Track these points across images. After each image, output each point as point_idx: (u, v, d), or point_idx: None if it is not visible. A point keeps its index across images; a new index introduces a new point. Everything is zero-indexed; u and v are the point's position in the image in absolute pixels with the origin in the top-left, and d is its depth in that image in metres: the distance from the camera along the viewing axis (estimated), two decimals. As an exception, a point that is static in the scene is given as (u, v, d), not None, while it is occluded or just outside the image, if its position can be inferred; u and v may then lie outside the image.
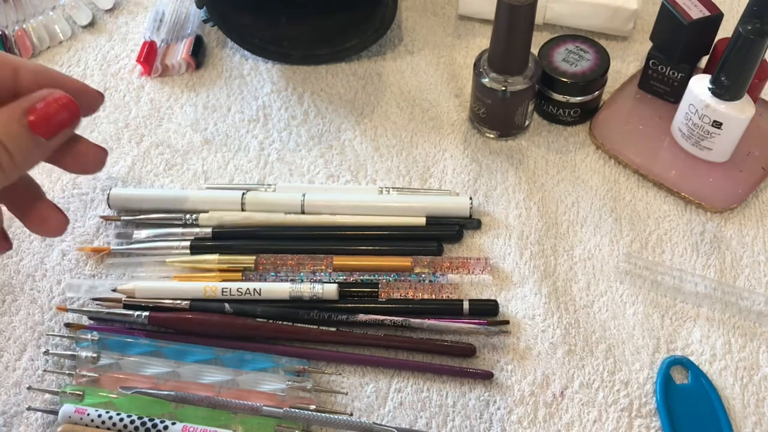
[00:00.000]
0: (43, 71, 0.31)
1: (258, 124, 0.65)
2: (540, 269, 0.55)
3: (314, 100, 0.66)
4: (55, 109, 0.29)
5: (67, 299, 0.55)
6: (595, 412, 0.49)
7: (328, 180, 0.61)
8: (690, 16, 0.56)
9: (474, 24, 0.71)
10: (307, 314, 0.52)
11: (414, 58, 0.69)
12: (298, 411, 0.47)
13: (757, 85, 0.57)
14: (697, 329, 0.52)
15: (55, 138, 0.29)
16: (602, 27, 0.68)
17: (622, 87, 0.64)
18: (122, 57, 0.70)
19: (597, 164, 0.61)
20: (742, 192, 0.58)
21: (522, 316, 0.53)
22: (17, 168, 0.28)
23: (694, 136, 0.58)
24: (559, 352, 0.51)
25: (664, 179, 0.59)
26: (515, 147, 0.62)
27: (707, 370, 0.50)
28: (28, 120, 0.28)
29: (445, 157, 0.62)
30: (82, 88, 0.32)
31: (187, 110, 0.66)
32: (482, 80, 0.58)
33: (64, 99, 0.29)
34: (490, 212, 0.58)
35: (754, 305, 0.53)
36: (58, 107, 0.29)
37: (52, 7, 0.72)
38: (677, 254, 0.56)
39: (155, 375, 0.49)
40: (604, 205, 0.59)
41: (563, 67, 0.60)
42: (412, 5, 0.73)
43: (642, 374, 0.50)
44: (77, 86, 0.32)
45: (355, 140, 0.63)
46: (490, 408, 0.49)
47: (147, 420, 0.46)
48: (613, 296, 0.54)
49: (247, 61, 0.69)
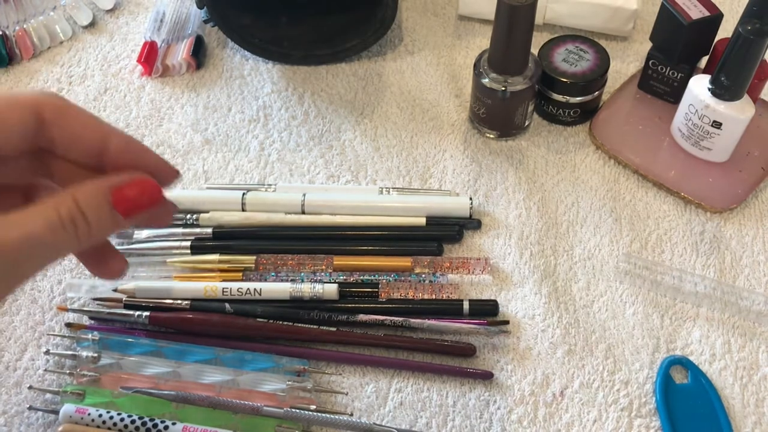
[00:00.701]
0: (131, 142, 0.32)
1: (258, 124, 0.65)
2: (540, 269, 0.55)
3: (314, 101, 0.66)
4: (139, 192, 0.30)
5: (68, 299, 0.55)
6: (595, 412, 0.49)
7: (329, 180, 0.61)
8: (690, 17, 0.56)
9: (474, 24, 0.71)
10: (308, 314, 0.52)
11: (414, 59, 0.69)
12: (299, 411, 0.47)
13: (757, 86, 0.57)
14: (696, 329, 0.52)
15: (132, 218, 0.31)
16: (602, 27, 0.68)
17: (622, 87, 0.65)
18: (123, 57, 0.70)
19: (597, 164, 0.61)
20: (741, 192, 0.58)
21: (522, 316, 0.53)
22: (90, 237, 0.29)
23: (693, 137, 0.58)
24: (559, 351, 0.51)
25: (664, 179, 0.59)
26: (515, 147, 0.62)
27: (707, 370, 0.51)
28: (113, 197, 0.30)
29: (445, 157, 0.62)
30: (162, 165, 0.33)
31: (187, 110, 0.66)
32: (482, 80, 0.58)
33: (151, 185, 0.31)
34: (490, 212, 0.58)
35: (753, 305, 0.53)
36: (144, 191, 0.31)
37: (53, 7, 0.72)
38: (677, 254, 0.56)
39: (156, 375, 0.49)
40: (604, 205, 0.59)
41: (563, 67, 0.60)
42: (412, 5, 0.73)
43: (642, 374, 0.51)
44: (159, 162, 0.33)
45: (355, 140, 0.63)
46: (490, 408, 0.49)
47: (147, 420, 0.46)
48: (613, 296, 0.54)
49: (247, 62, 0.69)
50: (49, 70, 0.69)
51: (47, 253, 0.28)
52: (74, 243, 0.29)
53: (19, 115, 0.29)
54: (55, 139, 0.31)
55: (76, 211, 0.28)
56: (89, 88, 0.67)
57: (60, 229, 0.28)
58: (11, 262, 0.27)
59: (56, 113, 0.30)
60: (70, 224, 0.28)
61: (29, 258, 0.27)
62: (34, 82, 0.68)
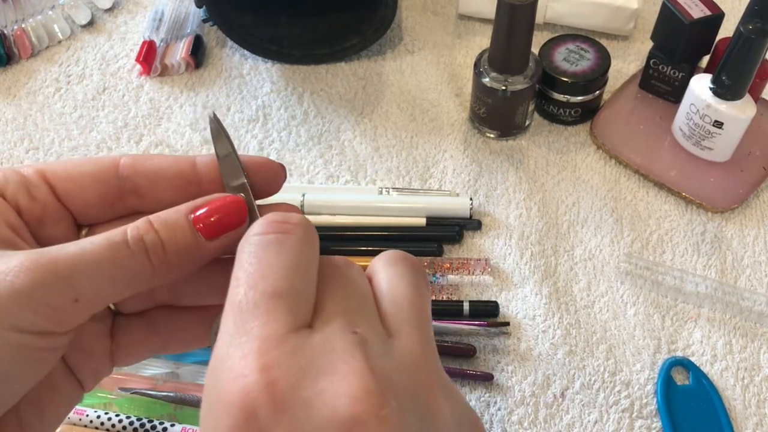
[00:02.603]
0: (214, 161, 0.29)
1: (257, 123, 0.64)
2: (540, 270, 0.55)
3: (314, 100, 0.66)
4: (221, 207, 0.27)
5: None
6: (596, 413, 0.49)
7: (328, 180, 0.61)
8: (691, 16, 0.56)
9: (474, 23, 0.71)
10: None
11: (414, 58, 0.69)
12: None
13: (758, 85, 0.57)
14: (698, 330, 0.52)
15: (217, 240, 0.26)
16: (603, 26, 0.68)
17: (623, 87, 0.64)
18: (121, 56, 0.69)
19: (598, 164, 0.61)
20: (743, 192, 0.58)
21: (522, 316, 0.53)
22: (167, 262, 0.25)
23: (695, 136, 0.58)
24: (560, 352, 0.51)
25: (665, 179, 0.58)
26: (515, 147, 0.62)
27: (708, 371, 0.50)
28: (194, 216, 0.26)
29: (445, 157, 0.62)
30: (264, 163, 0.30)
31: (186, 110, 0.65)
32: (482, 80, 0.58)
33: (235, 201, 0.27)
34: (491, 212, 0.58)
35: (755, 306, 0.53)
36: (226, 206, 0.27)
37: (51, 6, 0.71)
38: (678, 254, 0.56)
39: (154, 376, 0.49)
40: (605, 205, 0.58)
41: (564, 66, 0.60)
42: (412, 4, 0.73)
43: (643, 375, 0.50)
44: (258, 161, 0.29)
45: (354, 140, 0.63)
46: (491, 409, 0.49)
47: (146, 421, 0.46)
48: (614, 297, 0.54)
49: (246, 61, 0.69)
50: (48, 70, 0.68)
51: (111, 274, 0.24)
52: (146, 265, 0.25)
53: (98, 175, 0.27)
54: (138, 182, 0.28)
55: (148, 229, 0.25)
56: (87, 87, 0.67)
57: (124, 247, 0.25)
58: (65, 280, 0.23)
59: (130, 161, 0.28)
60: (137, 243, 0.25)
61: (87, 277, 0.24)
62: (32, 81, 0.68)
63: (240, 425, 0.20)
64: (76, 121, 0.65)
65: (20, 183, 0.27)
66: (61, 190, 0.27)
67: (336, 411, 0.20)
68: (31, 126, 0.65)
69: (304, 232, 0.25)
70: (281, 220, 0.25)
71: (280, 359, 0.21)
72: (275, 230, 0.24)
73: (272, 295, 0.23)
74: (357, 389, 0.21)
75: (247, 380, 0.21)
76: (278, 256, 0.24)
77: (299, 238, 0.25)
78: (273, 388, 0.20)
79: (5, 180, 0.27)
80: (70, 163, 0.28)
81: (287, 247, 0.24)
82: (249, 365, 0.21)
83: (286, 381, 0.21)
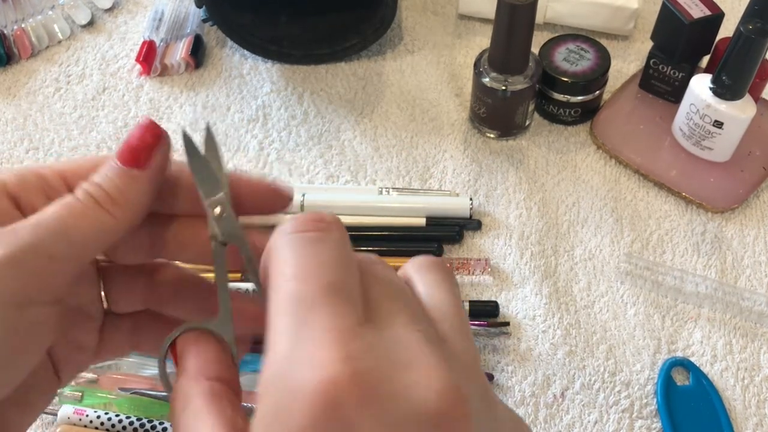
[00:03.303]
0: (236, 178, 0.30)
1: (257, 123, 0.64)
2: (540, 270, 0.55)
3: (314, 100, 0.66)
4: (133, 135, 0.28)
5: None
6: (596, 414, 0.49)
7: (328, 180, 0.61)
8: (691, 16, 0.56)
9: (474, 23, 0.71)
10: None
11: (414, 58, 0.69)
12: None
13: (758, 85, 0.57)
14: (698, 330, 0.52)
15: (148, 165, 0.28)
16: (603, 26, 0.68)
17: (623, 87, 0.64)
18: (121, 56, 0.69)
19: (598, 164, 0.61)
20: (743, 192, 0.58)
21: (522, 316, 0.53)
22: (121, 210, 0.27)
23: (695, 136, 0.58)
24: (560, 352, 0.51)
25: (665, 179, 0.58)
26: (515, 147, 0.62)
27: (708, 371, 0.50)
28: (117, 156, 0.28)
29: (445, 157, 0.62)
30: (272, 189, 0.31)
31: (186, 110, 0.65)
32: (482, 80, 0.58)
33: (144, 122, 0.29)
34: (491, 213, 0.58)
35: (755, 306, 0.53)
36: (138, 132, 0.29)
37: (51, 6, 0.71)
38: (678, 254, 0.56)
39: (154, 376, 0.49)
40: (605, 205, 0.58)
41: (564, 66, 0.60)
42: (412, 4, 0.73)
43: (643, 375, 0.50)
44: (268, 186, 0.31)
45: (354, 140, 0.63)
46: (491, 409, 0.49)
47: (146, 421, 0.46)
48: (614, 297, 0.54)
49: (246, 61, 0.69)
50: (48, 70, 0.68)
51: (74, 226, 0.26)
52: (100, 211, 0.26)
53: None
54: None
55: (89, 183, 0.27)
56: (87, 87, 0.67)
57: (75, 202, 0.26)
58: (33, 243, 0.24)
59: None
60: (84, 195, 0.26)
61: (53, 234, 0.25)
62: (32, 81, 0.68)
63: (325, 417, 0.19)
64: (76, 121, 0.65)
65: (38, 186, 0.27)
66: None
67: (424, 404, 0.20)
68: (31, 126, 0.65)
69: (340, 229, 0.25)
70: (318, 219, 0.24)
71: (362, 351, 0.21)
72: (314, 228, 0.24)
73: (329, 288, 0.22)
74: (442, 385, 0.20)
75: (329, 371, 0.20)
76: (325, 252, 0.23)
77: (339, 235, 0.24)
78: (360, 379, 0.20)
79: (23, 180, 0.27)
80: (83, 161, 0.29)
81: (330, 243, 0.24)
82: (330, 356, 0.20)
83: (373, 373, 0.20)
